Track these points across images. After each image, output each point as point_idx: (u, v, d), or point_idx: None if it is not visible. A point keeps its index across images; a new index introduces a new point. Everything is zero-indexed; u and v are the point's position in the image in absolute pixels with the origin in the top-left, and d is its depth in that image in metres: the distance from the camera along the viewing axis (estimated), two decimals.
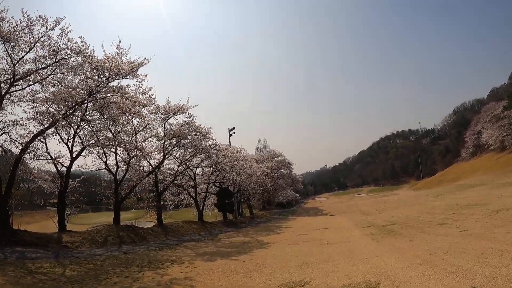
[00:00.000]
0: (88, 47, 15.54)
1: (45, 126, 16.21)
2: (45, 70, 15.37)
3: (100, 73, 16.07)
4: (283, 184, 69.12)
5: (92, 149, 22.31)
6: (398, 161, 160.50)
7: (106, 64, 15.92)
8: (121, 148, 22.20)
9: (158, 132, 24.75)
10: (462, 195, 40.30)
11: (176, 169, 28.00)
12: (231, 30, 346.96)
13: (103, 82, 16.12)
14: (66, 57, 15.20)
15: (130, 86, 17.46)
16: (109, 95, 16.92)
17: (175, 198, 34.35)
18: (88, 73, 15.66)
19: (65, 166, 19.19)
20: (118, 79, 16.67)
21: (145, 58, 17.18)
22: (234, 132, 41.84)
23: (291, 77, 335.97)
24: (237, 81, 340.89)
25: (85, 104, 16.91)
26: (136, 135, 23.94)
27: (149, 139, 25.20)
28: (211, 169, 33.41)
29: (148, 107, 22.82)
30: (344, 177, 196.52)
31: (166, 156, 25.91)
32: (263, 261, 10.64)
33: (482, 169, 71.17)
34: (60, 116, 15.89)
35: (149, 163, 25.61)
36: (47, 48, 14.80)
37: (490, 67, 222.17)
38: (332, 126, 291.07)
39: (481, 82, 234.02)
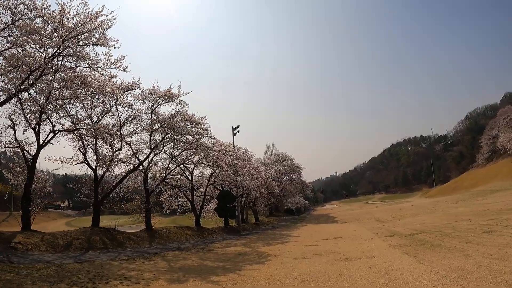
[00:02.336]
0: (49, 6, 12.36)
1: None
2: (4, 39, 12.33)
3: (54, 29, 12.73)
4: (291, 190, 65.01)
5: (74, 142, 19.53)
6: (410, 168, 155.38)
7: (61, 19, 12.56)
8: (102, 139, 19.10)
9: (148, 123, 21.41)
10: (486, 201, 37.28)
11: (167, 166, 24.55)
12: (244, 36, 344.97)
13: (58, 43, 12.79)
14: (21, 18, 12.07)
15: (99, 55, 14.24)
16: (69, 63, 13.67)
17: (173, 201, 31.12)
18: (41, 30, 12.31)
19: (30, 155, 16.18)
20: (77, 38, 13.29)
21: (103, 5, 13.65)
22: (238, 131, 38.35)
23: (304, 85, 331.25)
24: (250, 89, 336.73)
25: (48, 76, 13.72)
26: (121, 126, 20.66)
27: (140, 133, 22.04)
28: (211, 170, 30.16)
29: (133, 90, 19.66)
30: (355, 184, 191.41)
31: (156, 152, 22.69)
32: None
33: (501, 174, 68.01)
34: (13, 89, 12.78)
35: (138, 159, 22.31)
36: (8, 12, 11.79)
37: (502, 72, 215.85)
38: (343, 133, 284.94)
39: (493, 88, 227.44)
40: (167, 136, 21.46)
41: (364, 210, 67.28)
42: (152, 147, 21.38)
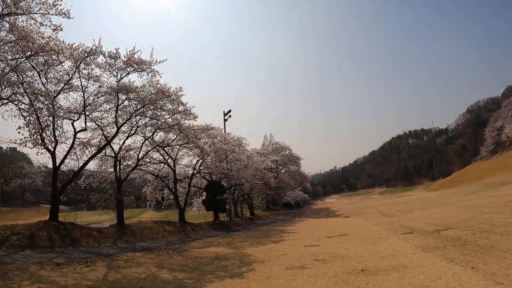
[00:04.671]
0: None
1: None
2: None
3: None
4: (290, 182, 61.23)
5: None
6: (411, 161, 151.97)
7: None
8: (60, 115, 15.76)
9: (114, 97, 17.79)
10: (500, 193, 34.40)
11: (140, 148, 20.97)
12: (240, 32, 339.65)
13: None
14: None
15: None
16: None
17: (158, 193, 27.68)
18: None
19: None
20: None
21: None
22: (230, 116, 34.71)
23: (301, 79, 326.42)
24: (247, 84, 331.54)
25: None
26: (85, 101, 17.11)
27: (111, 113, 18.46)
28: (198, 157, 26.68)
29: (95, 57, 16.07)
30: (355, 178, 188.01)
31: (130, 132, 19.18)
32: None
33: (507, 166, 64.81)
34: None
35: (106, 139, 18.63)
36: None
37: (503, 65, 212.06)
38: (342, 126, 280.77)
39: (494, 81, 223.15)
40: (137, 111, 17.82)
41: (366, 204, 63.88)
42: (118, 125, 17.79)
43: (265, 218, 41.88)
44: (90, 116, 17.96)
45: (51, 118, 16.30)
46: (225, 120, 34.27)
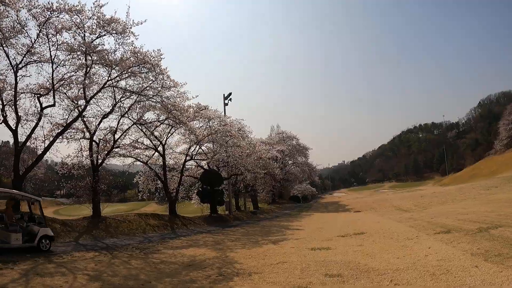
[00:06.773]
0: None
1: None
2: None
3: None
4: (298, 174, 57.78)
5: None
6: (422, 155, 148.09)
7: None
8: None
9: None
10: None
11: (116, 125, 17.98)
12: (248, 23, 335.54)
13: None
14: None
15: None
16: None
17: (151, 184, 24.82)
18: None
19: None
20: None
21: None
22: (230, 99, 31.61)
23: (307, 74, 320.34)
24: (252, 75, 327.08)
25: None
26: (53, 72, 14.32)
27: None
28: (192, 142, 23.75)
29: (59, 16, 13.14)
30: (364, 172, 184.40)
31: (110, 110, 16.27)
32: None
33: None
34: None
35: (81, 117, 15.77)
36: None
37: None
38: (351, 120, 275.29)
39: (506, 75, 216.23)
40: (111, 80, 14.81)
41: (378, 198, 60.77)
42: (87, 96, 14.84)
43: (269, 212, 38.94)
44: (61, 90, 15.19)
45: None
46: (225, 104, 31.19)
